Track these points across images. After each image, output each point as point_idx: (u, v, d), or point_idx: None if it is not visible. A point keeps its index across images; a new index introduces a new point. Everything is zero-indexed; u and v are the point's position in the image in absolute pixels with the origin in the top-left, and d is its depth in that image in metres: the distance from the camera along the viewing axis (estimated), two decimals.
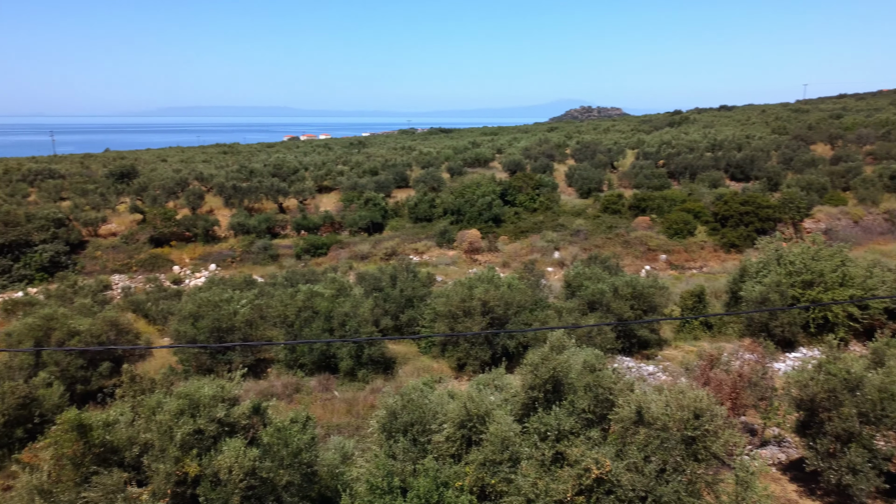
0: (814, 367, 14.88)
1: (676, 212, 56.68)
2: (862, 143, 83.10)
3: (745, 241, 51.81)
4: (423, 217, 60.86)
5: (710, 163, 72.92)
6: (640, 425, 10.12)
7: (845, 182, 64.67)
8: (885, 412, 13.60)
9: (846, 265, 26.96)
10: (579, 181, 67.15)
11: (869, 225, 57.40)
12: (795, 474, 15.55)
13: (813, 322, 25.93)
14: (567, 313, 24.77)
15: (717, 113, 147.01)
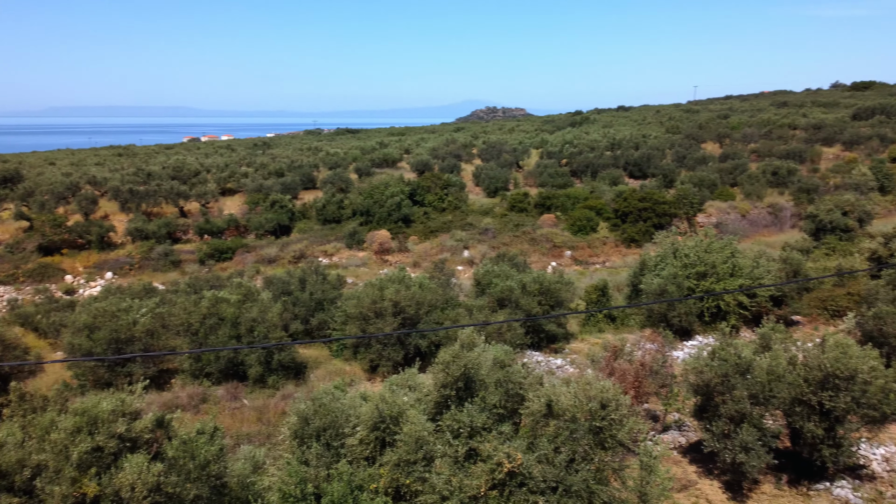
0: (708, 354, 15.75)
1: (579, 209, 58.53)
2: (747, 141, 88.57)
3: (644, 235, 54.14)
4: (332, 218, 60.16)
5: (609, 161, 75.75)
6: (549, 418, 10.40)
7: (733, 178, 68.72)
8: (772, 393, 14.57)
9: (735, 257, 28.68)
10: (486, 181, 68.18)
11: (755, 218, 61.27)
12: (695, 456, 16.41)
13: (707, 311, 27.43)
14: (477, 311, 25.12)
15: (615, 113, 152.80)
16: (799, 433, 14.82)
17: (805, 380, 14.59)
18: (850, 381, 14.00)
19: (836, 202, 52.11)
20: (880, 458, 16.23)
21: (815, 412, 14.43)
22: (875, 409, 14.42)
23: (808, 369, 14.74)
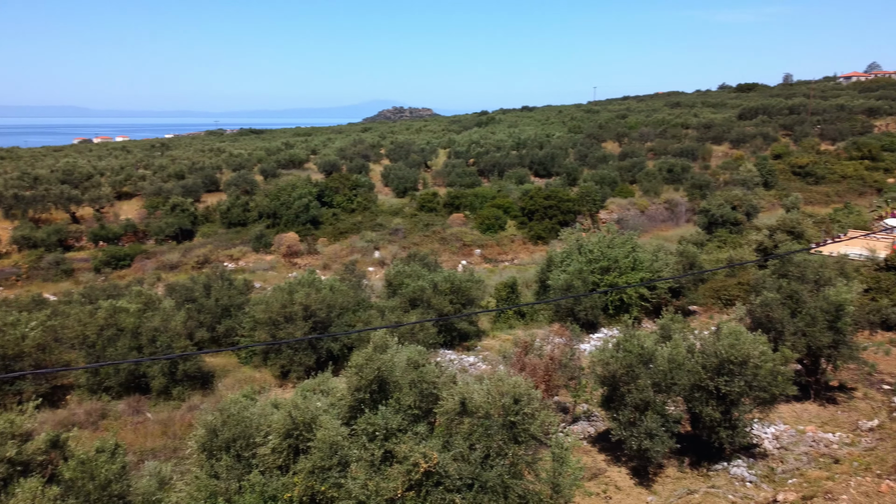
0: (614, 346, 16.35)
1: (488, 208, 59.42)
2: (644, 140, 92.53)
3: (550, 233, 55.56)
4: (237, 222, 58.46)
5: (515, 160, 77.29)
6: (464, 415, 10.50)
7: (632, 176, 71.62)
8: (674, 381, 15.29)
9: (636, 251, 29.92)
10: (395, 181, 68.11)
11: (653, 214, 64.09)
12: (603, 445, 17.00)
13: (611, 304, 28.48)
14: (389, 312, 25.05)
15: (520, 113, 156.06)
16: (698, 417, 15.63)
17: (703, 367, 15.40)
18: (743, 366, 14.88)
19: (726, 197, 55.26)
20: (771, 437, 17.34)
21: (713, 397, 15.26)
22: (765, 391, 15.40)
23: (705, 356, 15.56)
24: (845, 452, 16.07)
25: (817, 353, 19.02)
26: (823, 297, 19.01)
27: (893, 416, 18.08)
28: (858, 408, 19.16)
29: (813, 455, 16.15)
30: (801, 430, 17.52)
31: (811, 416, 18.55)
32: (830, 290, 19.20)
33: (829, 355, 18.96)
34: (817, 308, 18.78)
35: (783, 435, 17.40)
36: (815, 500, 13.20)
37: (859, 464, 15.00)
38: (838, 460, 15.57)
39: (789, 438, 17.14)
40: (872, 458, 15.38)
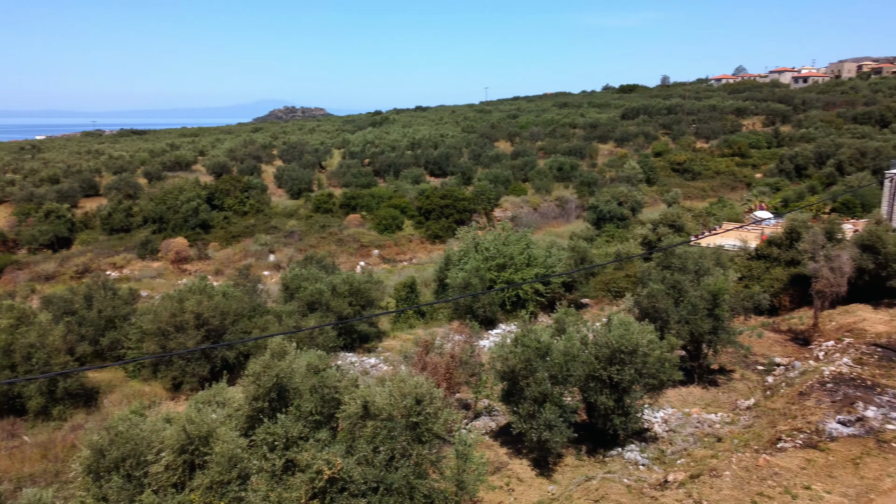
0: (512, 341, 16.72)
1: (384, 208, 59.28)
2: (534, 139, 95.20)
3: (447, 231, 56.11)
4: (120, 228, 55.35)
5: (411, 160, 77.53)
6: (367, 419, 10.42)
7: (524, 174, 73.53)
8: (569, 372, 15.81)
9: (530, 248, 30.73)
10: (289, 182, 66.66)
11: (545, 211, 66.05)
12: (505, 438, 17.35)
13: (508, 300, 29.11)
14: (287, 316, 24.48)
15: (413, 113, 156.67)
16: (594, 406, 16.25)
17: (596, 357, 16.03)
18: (633, 354, 15.61)
19: (613, 194, 57.75)
20: (660, 421, 18.29)
21: (606, 386, 15.91)
22: (654, 378, 16.22)
23: (598, 347, 16.20)
24: (726, 431, 17.18)
25: (699, 340, 20.24)
26: (703, 287, 20.23)
27: (767, 395, 19.49)
28: (737, 388, 20.54)
29: (698, 435, 17.15)
30: (687, 413, 18.58)
31: (696, 399, 19.70)
32: (709, 279, 20.47)
33: (710, 341, 20.23)
34: (698, 297, 19.97)
35: (671, 418, 18.38)
36: (701, 478, 14.01)
37: (739, 441, 16.07)
38: (721, 439, 16.61)
39: (677, 421, 18.13)
40: (750, 434, 16.51)
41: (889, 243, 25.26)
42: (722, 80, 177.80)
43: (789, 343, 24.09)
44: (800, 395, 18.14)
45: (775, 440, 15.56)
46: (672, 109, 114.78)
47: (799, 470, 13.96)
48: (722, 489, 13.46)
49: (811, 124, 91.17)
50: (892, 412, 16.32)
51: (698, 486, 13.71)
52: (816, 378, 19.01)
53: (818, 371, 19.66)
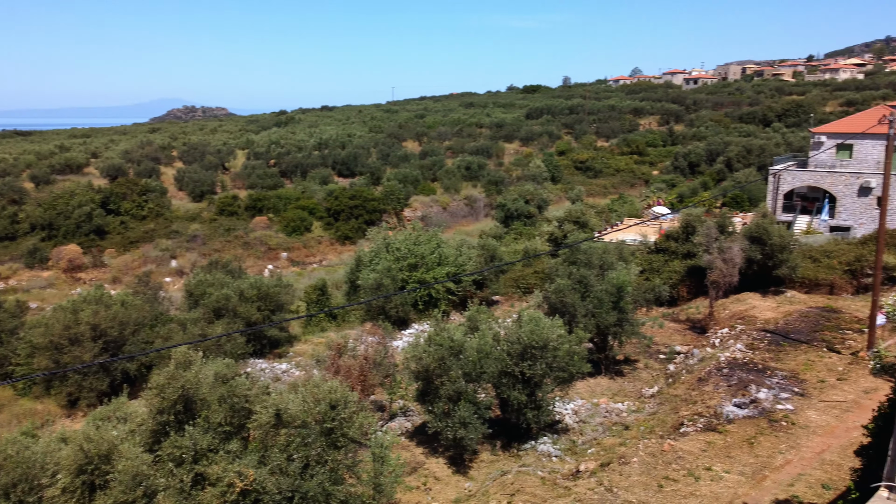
0: (425, 341, 16.75)
1: (292, 210, 58.12)
2: (442, 139, 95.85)
3: (357, 232, 55.66)
4: (4, 235, 51.67)
5: (318, 161, 76.35)
6: (280, 427, 10.15)
7: (433, 174, 73.92)
8: (483, 369, 15.99)
9: (441, 247, 30.91)
10: (191, 184, 64.25)
11: (454, 210, 66.65)
12: (421, 438, 17.36)
13: (420, 300, 29.17)
14: (192, 324, 23.57)
15: (320, 113, 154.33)
16: (507, 402, 16.51)
17: (508, 353, 16.29)
18: (544, 349, 15.96)
19: (520, 192, 58.96)
20: (571, 412, 18.80)
21: (519, 381, 16.20)
22: (564, 371, 16.65)
23: (509, 344, 16.47)
24: (633, 419, 17.86)
25: (605, 332, 20.95)
26: (608, 281, 20.96)
27: (670, 382, 20.41)
28: (641, 377, 21.40)
29: (607, 424, 17.75)
30: (596, 403, 19.19)
31: (603, 389, 20.38)
32: (613, 273, 21.22)
33: (615, 333, 20.99)
34: (603, 291, 20.67)
35: (581, 409, 18.94)
36: (611, 466, 14.50)
37: (645, 428, 16.74)
38: (628, 427, 17.26)
39: (586, 412, 18.69)
40: (655, 420, 17.24)
41: (774, 235, 26.97)
42: (620, 80, 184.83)
43: (688, 332, 25.31)
44: (699, 381, 19.09)
45: (678, 425, 16.31)
46: (574, 109, 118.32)
47: (700, 452, 14.68)
48: (631, 475, 13.97)
49: (702, 123, 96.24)
50: (781, 393, 17.44)
51: (608, 473, 14.18)
52: (713, 364, 20.06)
53: (715, 357, 20.75)
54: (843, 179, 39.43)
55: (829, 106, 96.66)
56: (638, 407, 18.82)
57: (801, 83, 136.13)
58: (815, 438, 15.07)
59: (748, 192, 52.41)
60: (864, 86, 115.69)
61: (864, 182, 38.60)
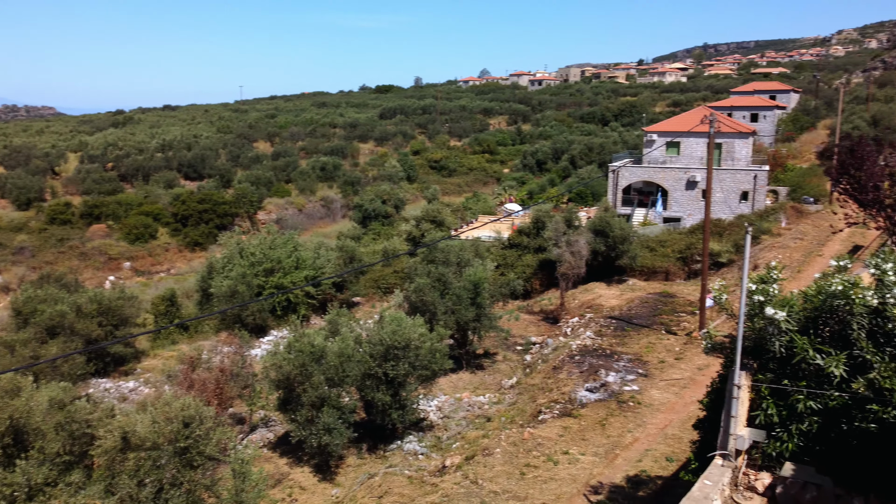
0: (285, 348, 16.29)
1: (134, 216, 54.45)
2: (295, 139, 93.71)
3: (208, 238, 53.13)
4: None
5: (162, 163, 72.06)
6: (128, 451, 9.46)
7: (287, 175, 72.10)
8: (346, 373, 15.80)
9: (298, 250, 30.21)
10: (14, 191, 58.38)
11: (311, 212, 65.41)
12: (284, 448, 16.86)
13: (278, 306, 28.34)
14: (21, 346, 21.39)
15: (162, 112, 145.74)
16: (371, 404, 16.42)
17: (371, 355, 16.21)
18: (406, 348, 16.03)
19: (376, 192, 58.92)
20: (435, 409, 19.05)
21: (382, 382, 16.16)
22: (427, 369, 16.83)
23: (371, 345, 16.40)
24: (495, 410, 18.40)
25: (465, 328, 21.42)
26: (465, 278, 21.44)
27: (527, 372, 21.24)
28: (501, 369, 22.09)
29: (470, 418, 18.16)
30: (459, 398, 19.58)
31: (465, 384, 20.84)
32: (470, 270, 21.74)
33: (475, 328, 21.52)
34: (461, 287, 21.12)
35: (445, 405, 19.24)
36: (475, 459, 14.85)
37: (506, 418, 17.30)
38: (490, 418, 17.75)
39: (450, 407, 19.02)
40: (515, 410, 17.87)
41: (616, 227, 28.85)
42: (469, 81, 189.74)
43: (542, 322, 26.47)
44: (554, 369, 20.02)
45: (537, 413, 17.00)
46: (426, 109, 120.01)
47: (558, 438, 15.39)
48: (494, 466, 14.38)
49: (547, 123, 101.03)
50: (627, 375, 18.67)
51: (473, 466, 14.51)
52: (566, 352, 21.11)
53: (567, 346, 21.85)
54: (672, 174, 42.89)
55: (658, 106, 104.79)
56: (499, 398, 19.41)
57: (634, 85, 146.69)
58: (658, 415, 16.27)
59: (591, 188, 55.66)
60: (688, 88, 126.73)
61: (690, 176, 42.21)
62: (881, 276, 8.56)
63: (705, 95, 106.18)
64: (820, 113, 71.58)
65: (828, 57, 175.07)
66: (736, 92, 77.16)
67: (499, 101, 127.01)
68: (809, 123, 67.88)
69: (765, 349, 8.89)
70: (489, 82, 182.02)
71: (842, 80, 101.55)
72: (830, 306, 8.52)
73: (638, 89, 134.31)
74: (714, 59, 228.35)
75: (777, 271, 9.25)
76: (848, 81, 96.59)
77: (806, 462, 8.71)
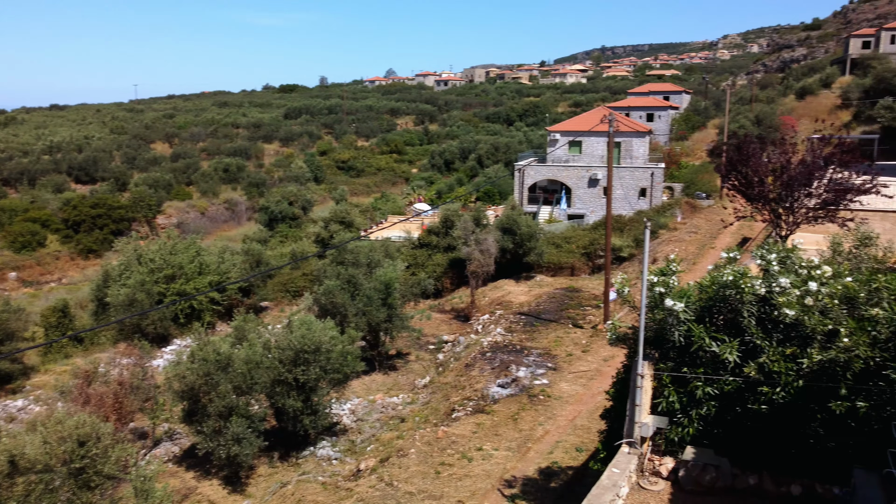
0: (189, 357, 15.66)
1: (20, 223, 50.93)
2: (196, 140, 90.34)
3: (103, 244, 50.38)
4: None
5: (49, 166, 67.78)
6: (16, 475, 8.81)
7: (187, 178, 69.38)
8: (254, 380, 15.36)
9: (201, 255, 29.12)
10: None
11: (214, 215, 63.24)
12: (191, 461, 16.22)
13: (181, 313, 27.22)
14: None
15: (48, 113, 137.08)
16: (282, 410, 16.03)
17: (280, 361, 15.82)
18: (317, 352, 15.75)
19: (283, 194, 57.68)
20: (348, 412, 18.82)
21: (293, 388, 15.81)
22: (339, 372, 16.58)
23: (281, 351, 16.01)
24: (408, 411, 18.38)
25: (377, 329, 21.29)
26: (376, 278, 21.30)
27: (440, 371, 21.34)
28: (414, 369, 22.10)
29: (384, 420, 18.06)
30: (372, 400, 19.43)
31: (378, 386, 20.71)
32: (380, 271, 21.62)
33: (387, 328, 21.42)
34: (372, 288, 20.97)
35: (358, 408, 19.05)
36: (390, 461, 14.77)
37: (420, 418, 17.31)
38: (404, 419, 17.71)
39: (363, 410, 18.85)
40: (429, 410, 17.91)
41: (523, 225, 29.44)
42: (375, 81, 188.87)
43: (454, 321, 26.67)
44: (466, 366, 20.20)
45: (450, 411, 17.10)
46: (333, 109, 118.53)
47: (472, 434, 15.54)
48: (409, 467, 14.36)
49: (454, 123, 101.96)
50: (537, 370, 19.08)
51: (388, 468, 14.43)
52: (478, 349, 21.36)
53: (479, 343, 22.11)
54: (575, 173, 44.23)
55: (560, 107, 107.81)
56: (412, 398, 19.41)
57: (537, 86, 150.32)
58: (567, 407, 16.72)
59: (498, 187, 56.58)
60: (587, 89, 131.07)
61: (592, 174, 43.65)
62: (767, 266, 9.12)
63: (604, 96, 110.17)
64: (709, 113, 75.64)
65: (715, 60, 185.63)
66: (633, 93, 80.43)
67: (405, 101, 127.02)
68: (700, 123, 71.60)
69: (665, 339, 9.28)
70: (395, 82, 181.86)
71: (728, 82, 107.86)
72: (723, 296, 9.00)
73: (541, 90, 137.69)
74: (612, 62, 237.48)
75: (675, 264, 9.69)
76: (733, 83, 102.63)
77: (705, 445, 9.17)
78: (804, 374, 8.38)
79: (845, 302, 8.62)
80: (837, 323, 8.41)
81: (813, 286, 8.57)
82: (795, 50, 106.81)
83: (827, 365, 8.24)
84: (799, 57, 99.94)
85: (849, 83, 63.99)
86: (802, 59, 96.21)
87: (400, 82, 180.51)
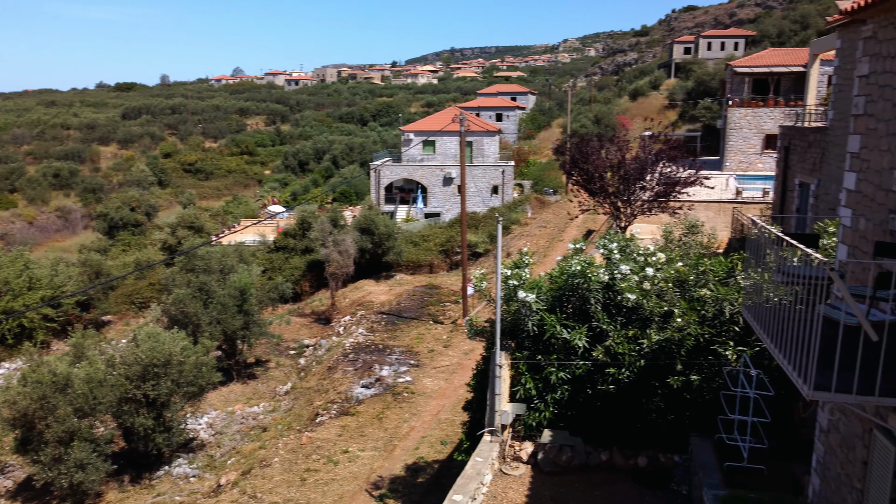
0: (19, 381, 14.25)
1: None
2: (19, 143, 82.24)
3: None
4: None
5: None
6: None
7: (11, 184, 63.10)
8: (98, 400, 14.25)
9: (31, 268, 26.57)
10: None
11: (44, 224, 57.90)
12: (28, 495, 14.79)
13: (9, 333, 24.72)
14: None
15: None
16: (131, 430, 15.00)
17: (126, 377, 14.80)
18: (167, 366, 14.89)
19: (123, 199, 53.88)
20: (205, 426, 17.97)
21: (143, 405, 14.84)
22: (193, 385, 15.78)
23: (127, 366, 14.97)
24: (270, 419, 17.86)
25: (233, 337, 20.47)
26: (230, 285, 20.48)
27: (302, 376, 20.90)
28: (274, 376, 21.49)
29: (245, 431, 17.43)
30: (231, 411, 18.68)
31: (237, 396, 19.94)
32: (234, 276, 20.82)
33: (244, 336, 20.66)
34: (226, 295, 20.14)
35: (216, 421, 18.24)
36: (253, 472, 14.29)
37: (283, 426, 16.88)
38: (266, 428, 17.19)
39: (222, 422, 18.08)
40: (292, 416, 17.50)
41: (381, 225, 29.48)
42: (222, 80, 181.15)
43: (314, 324, 26.23)
44: (329, 369, 19.95)
45: (314, 416, 16.81)
46: (176, 109, 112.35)
47: (337, 438, 15.37)
48: (273, 477, 13.96)
49: (307, 123, 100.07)
50: (400, 367, 19.21)
51: (251, 480, 13.96)
52: (340, 351, 21.15)
53: (341, 345, 21.90)
54: (430, 172, 44.92)
55: (413, 107, 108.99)
56: (274, 406, 18.88)
57: (389, 86, 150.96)
58: (431, 402, 16.98)
59: (354, 187, 56.25)
60: (439, 89, 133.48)
61: (446, 173, 44.54)
62: (609, 255, 9.77)
63: (455, 97, 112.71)
64: (553, 113, 79.60)
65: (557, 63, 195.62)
66: (482, 93, 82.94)
67: (255, 100, 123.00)
68: (545, 122, 75.16)
69: (520, 329, 9.69)
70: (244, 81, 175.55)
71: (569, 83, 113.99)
72: (572, 285, 9.53)
73: (393, 90, 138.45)
74: (461, 63, 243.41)
75: (527, 257, 10.13)
76: (574, 85, 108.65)
77: (561, 427, 9.68)
78: (645, 354, 9.08)
79: (677, 285, 9.43)
80: (672, 304, 9.18)
81: (650, 272, 9.30)
82: (627, 54, 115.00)
83: (664, 344, 8.98)
84: (631, 61, 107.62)
85: (674, 85, 69.80)
86: (634, 63, 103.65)
87: (248, 81, 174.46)
